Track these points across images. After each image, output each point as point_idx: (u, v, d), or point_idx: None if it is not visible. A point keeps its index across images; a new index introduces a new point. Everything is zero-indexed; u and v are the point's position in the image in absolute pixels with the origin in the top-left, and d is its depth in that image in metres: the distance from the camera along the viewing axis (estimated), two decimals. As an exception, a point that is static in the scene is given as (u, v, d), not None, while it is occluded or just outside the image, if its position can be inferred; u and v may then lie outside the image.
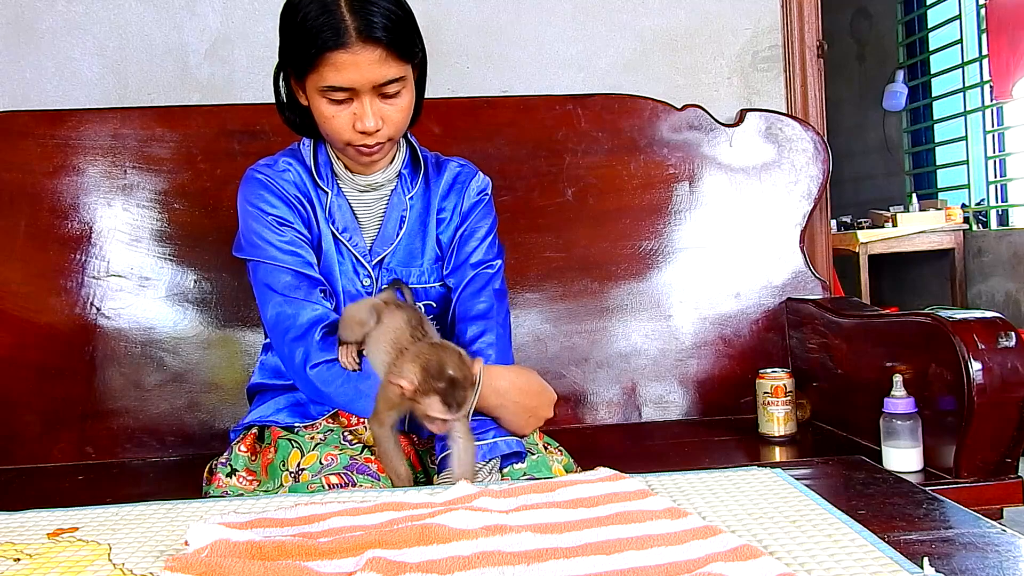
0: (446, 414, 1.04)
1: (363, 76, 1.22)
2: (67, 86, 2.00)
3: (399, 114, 1.28)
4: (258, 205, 1.32)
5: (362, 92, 1.24)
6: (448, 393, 1.03)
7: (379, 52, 1.21)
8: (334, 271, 1.34)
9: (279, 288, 1.29)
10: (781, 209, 2.03)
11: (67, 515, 0.96)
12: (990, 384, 1.37)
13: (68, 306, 1.83)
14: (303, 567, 0.73)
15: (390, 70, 1.23)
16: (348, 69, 1.21)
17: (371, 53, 1.21)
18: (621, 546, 0.77)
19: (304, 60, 1.23)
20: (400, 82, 1.26)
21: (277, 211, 1.32)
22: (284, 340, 1.28)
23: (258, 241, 1.31)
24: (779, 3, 2.18)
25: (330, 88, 1.23)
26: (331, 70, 1.21)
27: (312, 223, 1.35)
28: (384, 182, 1.38)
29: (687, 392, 1.98)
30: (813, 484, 0.97)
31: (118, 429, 1.82)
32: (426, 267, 1.39)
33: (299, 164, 1.37)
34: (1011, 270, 4.40)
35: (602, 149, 2.00)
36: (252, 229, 1.32)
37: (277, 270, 1.30)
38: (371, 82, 1.23)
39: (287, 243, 1.31)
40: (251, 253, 1.32)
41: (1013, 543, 0.78)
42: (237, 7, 2.04)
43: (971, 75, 4.79)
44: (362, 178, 1.37)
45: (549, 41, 2.13)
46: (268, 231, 1.31)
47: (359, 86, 1.23)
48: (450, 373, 1.03)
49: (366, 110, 1.25)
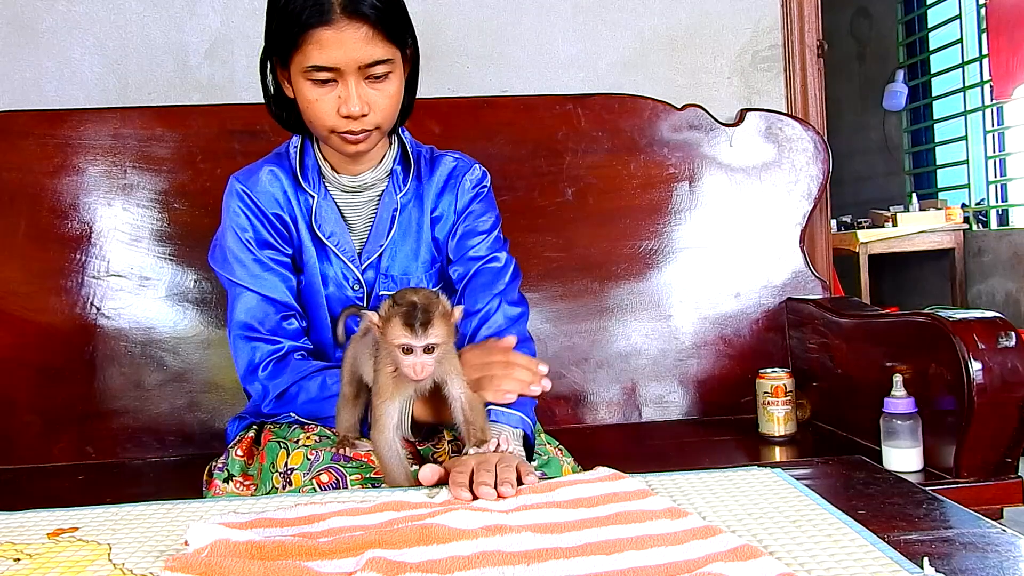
0: (409, 337, 1.01)
1: (347, 55, 1.18)
2: (67, 86, 2.00)
3: (386, 100, 1.23)
4: (235, 222, 1.31)
5: (347, 73, 1.19)
6: (410, 315, 1.01)
7: (365, 30, 1.17)
8: (316, 280, 1.32)
9: (243, 314, 1.29)
10: (781, 209, 2.03)
11: (67, 515, 0.96)
12: (990, 384, 1.37)
13: (68, 306, 1.83)
14: (303, 567, 0.73)
15: (376, 50, 1.19)
16: (332, 46, 1.17)
17: (356, 31, 1.17)
18: (621, 546, 0.77)
19: (288, 40, 1.19)
20: (387, 64, 1.21)
21: (252, 231, 1.31)
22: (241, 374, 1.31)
23: (231, 259, 1.31)
24: (779, 3, 2.18)
25: (314, 68, 1.19)
26: (315, 48, 1.17)
27: (294, 234, 1.32)
28: (373, 182, 1.34)
29: (687, 392, 1.98)
30: (813, 484, 0.97)
31: (118, 429, 1.82)
32: (419, 271, 1.35)
33: (283, 170, 1.34)
34: (1011, 270, 4.40)
35: (602, 149, 2.00)
36: (227, 245, 1.32)
37: (245, 292, 1.30)
38: (356, 61, 1.19)
39: (258, 265, 1.30)
40: (223, 268, 1.32)
41: (1013, 543, 0.78)
42: (237, 7, 2.04)
43: (971, 75, 4.79)
44: (349, 178, 1.33)
45: (549, 41, 2.13)
46: (242, 251, 1.30)
47: (344, 65, 1.19)
48: (412, 298, 1.02)
49: (351, 92, 1.20)
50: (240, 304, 1.30)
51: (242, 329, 1.29)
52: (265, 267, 1.30)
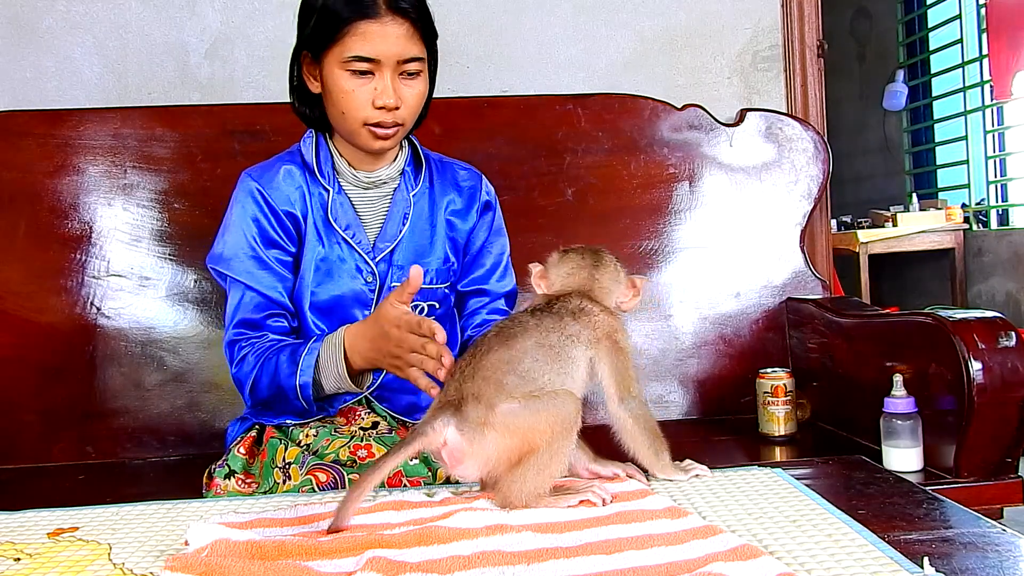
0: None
1: (389, 48, 1.24)
2: (67, 86, 2.00)
3: (415, 99, 1.30)
4: (244, 217, 1.33)
5: (385, 65, 1.25)
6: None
7: (406, 26, 1.24)
8: (334, 271, 1.34)
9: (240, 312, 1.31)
10: (781, 209, 2.03)
11: (67, 515, 0.96)
12: (990, 384, 1.37)
13: (68, 306, 1.83)
14: (303, 567, 0.73)
15: (414, 47, 1.26)
16: (375, 39, 1.23)
17: (399, 26, 1.24)
18: (621, 545, 0.77)
19: (328, 32, 1.24)
20: (420, 63, 1.28)
21: (259, 229, 1.33)
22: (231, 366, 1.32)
23: (232, 253, 1.33)
24: (779, 3, 2.18)
25: (355, 58, 1.24)
26: (358, 40, 1.23)
27: (305, 232, 1.34)
28: (387, 179, 1.38)
29: (687, 392, 1.98)
30: (813, 484, 0.97)
31: (118, 429, 1.82)
32: (433, 268, 1.38)
33: (298, 166, 1.37)
34: (1011, 270, 4.40)
35: (602, 149, 2.00)
36: (231, 239, 1.33)
37: (243, 289, 1.32)
38: (396, 55, 1.25)
39: (257, 262, 1.32)
40: (222, 264, 1.33)
41: (1013, 543, 0.78)
42: (237, 7, 2.04)
43: (971, 75, 4.79)
44: (365, 174, 1.37)
45: (549, 41, 2.13)
46: (245, 247, 1.32)
47: (384, 58, 1.24)
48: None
49: (387, 84, 1.26)
50: (235, 301, 1.32)
51: (238, 326, 1.32)
52: (264, 265, 1.32)
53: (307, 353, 1.23)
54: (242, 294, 1.32)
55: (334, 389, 1.24)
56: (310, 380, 1.22)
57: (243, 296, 1.31)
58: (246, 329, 1.31)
